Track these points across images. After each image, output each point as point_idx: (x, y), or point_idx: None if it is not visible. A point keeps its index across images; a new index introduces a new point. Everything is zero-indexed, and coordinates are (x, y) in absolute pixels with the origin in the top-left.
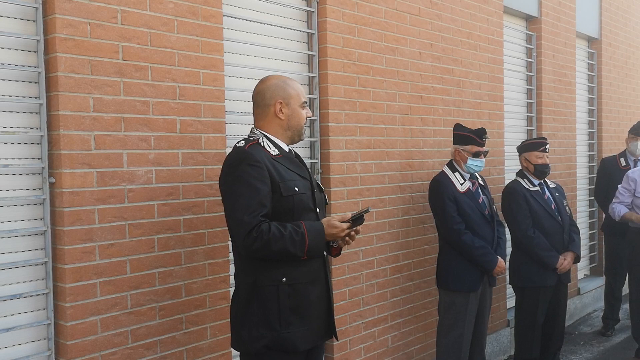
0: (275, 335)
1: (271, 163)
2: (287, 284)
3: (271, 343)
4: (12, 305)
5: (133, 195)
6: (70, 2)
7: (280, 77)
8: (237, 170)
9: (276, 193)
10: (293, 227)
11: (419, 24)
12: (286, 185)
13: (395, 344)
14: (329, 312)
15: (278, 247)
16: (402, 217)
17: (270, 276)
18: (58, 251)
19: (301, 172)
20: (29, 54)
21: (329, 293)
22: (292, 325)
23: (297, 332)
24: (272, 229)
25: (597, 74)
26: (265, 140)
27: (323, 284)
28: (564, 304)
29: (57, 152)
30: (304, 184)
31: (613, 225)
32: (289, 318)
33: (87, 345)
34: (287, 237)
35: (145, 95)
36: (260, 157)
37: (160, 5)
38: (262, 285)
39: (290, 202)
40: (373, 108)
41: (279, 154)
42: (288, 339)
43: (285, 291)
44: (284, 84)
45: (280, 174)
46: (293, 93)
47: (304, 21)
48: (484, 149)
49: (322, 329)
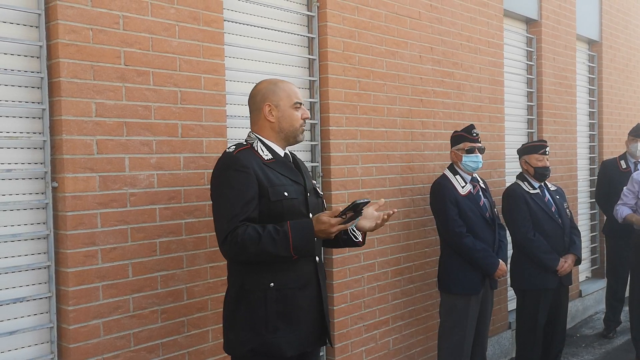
0: (261, 340)
1: (261, 168)
2: (275, 289)
3: (257, 347)
4: (15, 308)
5: (135, 199)
6: (72, 8)
7: (272, 80)
8: (224, 176)
9: (264, 198)
10: (274, 227)
11: (419, 28)
12: (275, 190)
13: (397, 347)
14: (322, 317)
15: (255, 248)
16: (403, 220)
17: (258, 280)
18: (61, 255)
19: (294, 177)
20: (31, 60)
21: (321, 298)
22: (279, 330)
23: (283, 338)
24: (248, 231)
25: (597, 77)
26: (260, 144)
27: (315, 289)
28: (565, 307)
29: (59, 157)
30: (296, 189)
31: (614, 228)
32: (276, 323)
33: (89, 349)
34: (265, 237)
35: (147, 100)
36: (248, 162)
37: (161, 10)
38: (250, 290)
39: (279, 207)
40: (373, 111)
41: (271, 158)
42: (274, 344)
43: (272, 296)
44: (274, 86)
45: (270, 179)
46: (283, 95)
47: (304, 25)
48: (477, 144)
49: (313, 334)
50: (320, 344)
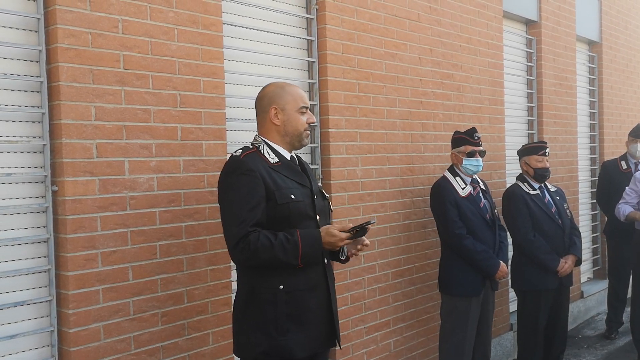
0: (272, 342)
1: (267, 171)
2: (285, 292)
3: (268, 350)
4: (15, 312)
5: (135, 202)
6: (71, 13)
7: (279, 83)
8: (230, 179)
9: (271, 201)
10: (285, 236)
11: (418, 30)
12: (281, 193)
13: (398, 349)
14: (331, 318)
15: (267, 256)
16: (403, 222)
17: (267, 283)
18: (61, 258)
19: (300, 180)
20: (31, 64)
21: (330, 300)
22: (289, 332)
23: (294, 339)
24: (261, 239)
25: (597, 77)
26: (266, 147)
27: (324, 290)
28: (566, 307)
29: (59, 161)
30: (303, 191)
31: (616, 228)
32: (286, 325)
33: (90, 352)
34: (277, 245)
35: (147, 103)
36: (255, 166)
37: (160, 14)
38: (260, 292)
39: (285, 209)
40: (373, 114)
41: (278, 161)
42: (285, 346)
43: (282, 298)
44: (281, 89)
45: (276, 182)
46: (289, 98)
47: (303, 28)
48: (478, 148)
49: (322, 336)
50: (330, 344)
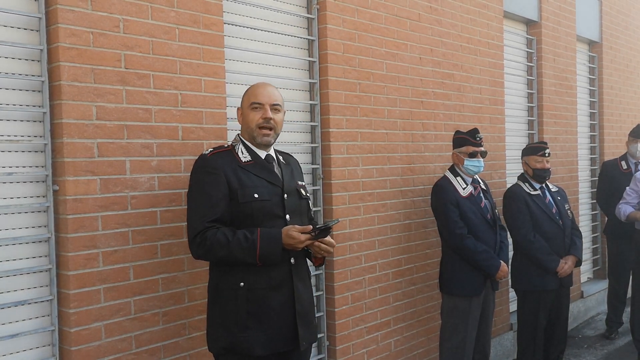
0: (232, 339)
1: (234, 170)
2: (246, 289)
3: (229, 345)
4: (16, 312)
5: (136, 202)
6: (73, 12)
7: (255, 83)
8: (196, 177)
9: (233, 200)
10: (244, 234)
11: (419, 30)
12: (244, 192)
13: (398, 349)
14: (295, 319)
15: (224, 252)
16: (403, 222)
17: (229, 280)
18: (62, 258)
19: (271, 179)
20: (32, 63)
21: (294, 300)
22: (249, 329)
23: (253, 337)
24: (218, 236)
25: (598, 77)
26: (241, 146)
27: (288, 290)
28: (566, 308)
29: (60, 160)
30: (271, 190)
31: (616, 228)
32: (246, 322)
33: (91, 351)
34: (234, 243)
35: (148, 102)
36: (219, 165)
37: (161, 14)
38: (223, 289)
39: (248, 208)
40: (374, 113)
41: (250, 160)
42: (244, 342)
43: (243, 295)
44: (248, 89)
45: (242, 180)
46: (245, 97)
47: (304, 28)
48: (480, 149)
49: (286, 336)
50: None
